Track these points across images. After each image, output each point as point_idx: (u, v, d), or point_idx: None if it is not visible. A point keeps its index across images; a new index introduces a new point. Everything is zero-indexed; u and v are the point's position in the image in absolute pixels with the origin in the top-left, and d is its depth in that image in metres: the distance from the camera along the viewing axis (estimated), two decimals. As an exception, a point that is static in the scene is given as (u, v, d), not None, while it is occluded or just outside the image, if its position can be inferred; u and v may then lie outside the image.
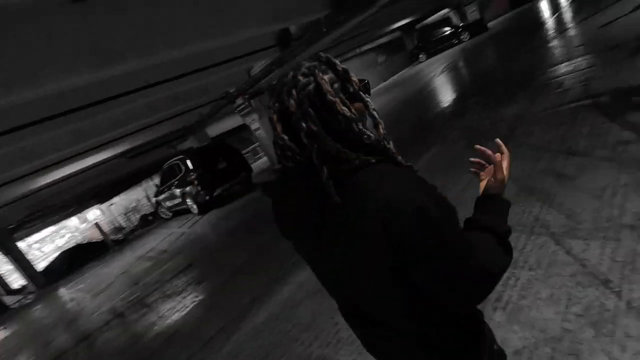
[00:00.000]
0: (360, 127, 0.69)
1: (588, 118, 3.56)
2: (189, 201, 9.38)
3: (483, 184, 0.87)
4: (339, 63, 0.73)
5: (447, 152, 4.79)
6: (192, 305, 4.15)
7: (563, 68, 5.66)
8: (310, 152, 0.67)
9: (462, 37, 19.46)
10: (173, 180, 9.56)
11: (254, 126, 10.09)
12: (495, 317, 1.86)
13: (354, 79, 0.73)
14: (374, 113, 0.74)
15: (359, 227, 0.65)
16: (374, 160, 0.68)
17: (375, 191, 0.64)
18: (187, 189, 9.04)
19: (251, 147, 18.54)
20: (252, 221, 6.71)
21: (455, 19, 24.28)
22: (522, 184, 2.98)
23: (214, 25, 4.23)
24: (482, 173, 0.91)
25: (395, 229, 0.62)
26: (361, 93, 0.73)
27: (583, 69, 5.09)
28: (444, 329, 0.74)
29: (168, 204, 10.69)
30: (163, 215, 11.88)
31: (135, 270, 7.44)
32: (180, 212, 10.65)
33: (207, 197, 8.79)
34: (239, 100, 9.58)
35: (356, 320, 0.85)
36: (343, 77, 0.72)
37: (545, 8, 16.26)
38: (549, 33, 9.77)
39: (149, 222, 14.20)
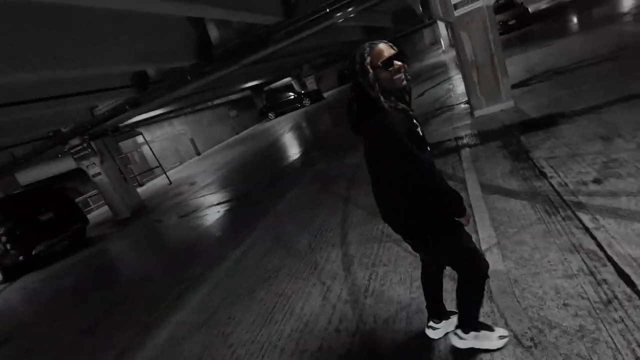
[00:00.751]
0: (369, 86, 1.36)
1: (403, 164, 4.93)
2: (-12, 264, 7.15)
3: None
4: (371, 49, 1.37)
5: (306, 193, 5.53)
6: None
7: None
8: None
9: (304, 102, 22.49)
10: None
11: (92, 171, 8.83)
12: (367, 302, 2.40)
13: (374, 57, 1.35)
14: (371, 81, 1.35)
15: (370, 136, 1.43)
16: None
17: (375, 120, 1.36)
18: (-12, 248, 6.93)
19: (86, 195, 15.62)
20: (92, 279, 5.71)
21: (297, 87, 27.90)
22: (369, 210, 3.86)
23: (72, 53, 3.92)
24: None
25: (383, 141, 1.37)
26: (368, 67, 1.35)
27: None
28: (417, 199, 1.45)
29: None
30: None
31: None
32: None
33: (22, 257, 6.93)
34: (75, 141, 8.33)
35: (372, 183, 1.63)
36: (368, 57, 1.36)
37: (363, 88, 20.67)
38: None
39: None
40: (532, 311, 1.83)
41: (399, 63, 1.36)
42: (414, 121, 1.39)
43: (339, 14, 6.01)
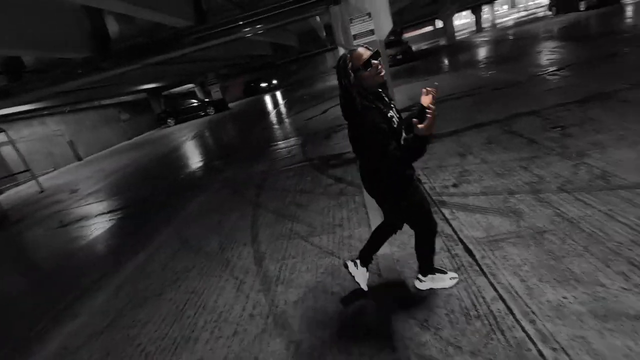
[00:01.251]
0: (350, 87, 1.68)
1: (309, 172, 5.38)
2: None
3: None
4: (350, 54, 1.66)
5: (215, 199, 5.53)
6: None
7: (288, 143, 7.97)
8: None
9: (208, 110, 21.76)
10: None
11: None
12: (278, 289, 2.65)
13: (354, 61, 1.65)
14: (351, 82, 1.67)
15: (351, 126, 1.78)
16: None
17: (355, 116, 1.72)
18: None
19: None
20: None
21: (200, 94, 26.85)
22: (279, 213, 4.14)
23: None
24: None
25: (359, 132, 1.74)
26: (350, 71, 1.66)
27: (300, 144, 7.43)
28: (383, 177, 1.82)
29: None
30: None
31: None
32: None
33: None
34: None
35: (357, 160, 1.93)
36: (350, 62, 1.65)
37: (269, 101, 21.17)
38: (273, 120, 13.02)
39: None
40: (409, 281, 2.34)
41: (376, 62, 1.63)
42: (388, 114, 1.70)
43: (250, 28, 6.29)
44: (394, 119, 1.71)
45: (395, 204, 1.92)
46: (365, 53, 1.64)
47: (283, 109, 15.20)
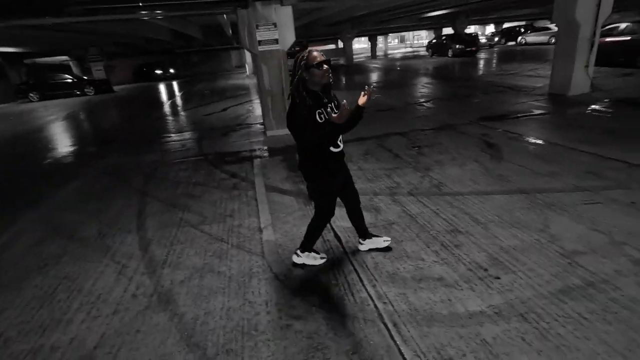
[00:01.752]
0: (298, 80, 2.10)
1: (203, 166, 5.42)
2: None
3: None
4: (308, 54, 2.06)
5: (94, 185, 5.08)
6: None
7: (183, 136, 7.75)
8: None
9: (86, 90, 19.04)
10: None
11: None
12: (164, 271, 2.76)
13: (309, 60, 2.05)
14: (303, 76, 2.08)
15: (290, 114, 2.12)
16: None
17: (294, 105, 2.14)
18: None
19: None
20: None
21: (76, 70, 23.34)
22: (169, 202, 4.13)
23: None
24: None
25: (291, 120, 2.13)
26: (303, 65, 2.06)
27: (196, 139, 7.33)
28: (310, 156, 2.25)
29: None
30: None
31: None
32: None
33: None
34: None
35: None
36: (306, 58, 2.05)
37: (164, 90, 19.72)
38: (167, 111, 12.32)
39: None
40: (288, 261, 2.75)
41: (326, 67, 2.06)
42: (317, 111, 2.09)
43: (148, 12, 6.02)
44: (321, 115, 2.12)
45: (311, 182, 2.41)
46: (319, 57, 2.06)
47: (180, 101, 14.42)
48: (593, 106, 6.80)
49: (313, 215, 2.56)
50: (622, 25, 11.80)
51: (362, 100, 2.01)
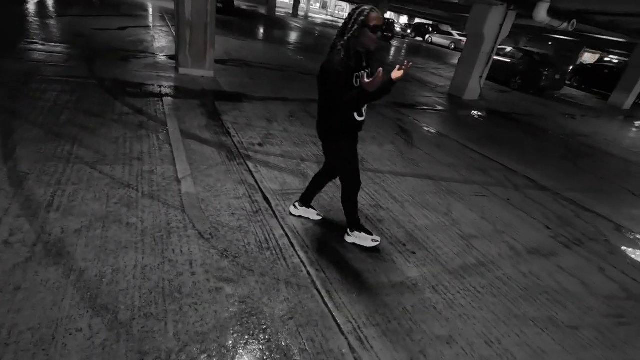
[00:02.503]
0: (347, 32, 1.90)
1: (97, 93, 4.46)
2: None
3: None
4: (369, 12, 1.84)
5: None
6: None
7: (62, 47, 6.19)
8: None
9: None
10: None
11: None
12: (50, 216, 2.21)
13: (369, 18, 1.85)
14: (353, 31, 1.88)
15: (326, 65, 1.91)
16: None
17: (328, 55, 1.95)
18: None
19: None
20: None
21: None
22: (50, 130, 3.28)
23: None
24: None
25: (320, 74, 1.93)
26: (359, 21, 1.86)
27: (83, 56, 5.96)
28: (332, 116, 2.07)
29: None
30: None
31: None
32: None
33: None
34: None
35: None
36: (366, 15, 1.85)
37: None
38: (33, 11, 9.66)
39: None
40: (212, 218, 2.52)
41: (381, 33, 1.92)
42: (355, 73, 1.92)
43: None
44: (357, 79, 1.93)
45: (327, 141, 2.19)
46: (379, 20, 1.86)
47: (52, 2, 11.36)
48: (478, 112, 7.98)
49: (341, 192, 2.35)
50: (508, 49, 13.98)
51: (396, 74, 1.82)
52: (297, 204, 2.73)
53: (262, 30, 15.62)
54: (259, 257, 2.24)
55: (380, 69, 1.67)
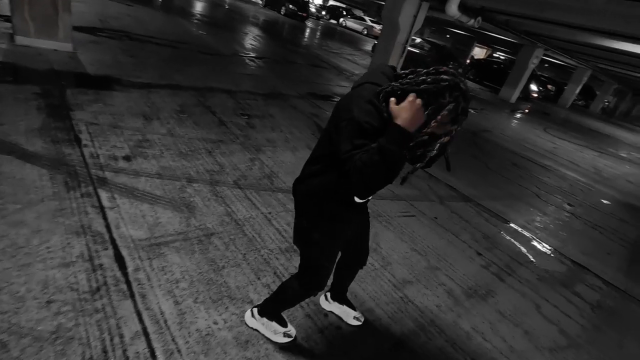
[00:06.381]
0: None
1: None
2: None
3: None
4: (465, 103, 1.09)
5: None
6: None
7: None
8: None
9: None
10: None
11: None
12: None
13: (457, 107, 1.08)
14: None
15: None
16: None
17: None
18: None
19: None
20: None
21: None
22: None
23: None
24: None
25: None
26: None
27: None
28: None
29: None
30: None
31: None
32: None
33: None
34: None
35: None
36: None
37: None
38: None
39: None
40: (5, 318, 1.44)
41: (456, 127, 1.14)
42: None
43: None
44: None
45: (305, 219, 1.39)
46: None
47: None
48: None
49: (294, 274, 1.51)
50: (417, 40, 14.32)
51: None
52: (330, 296, 1.97)
53: (157, -4, 13.24)
54: (84, 399, 1.28)
55: (414, 95, 1.08)
